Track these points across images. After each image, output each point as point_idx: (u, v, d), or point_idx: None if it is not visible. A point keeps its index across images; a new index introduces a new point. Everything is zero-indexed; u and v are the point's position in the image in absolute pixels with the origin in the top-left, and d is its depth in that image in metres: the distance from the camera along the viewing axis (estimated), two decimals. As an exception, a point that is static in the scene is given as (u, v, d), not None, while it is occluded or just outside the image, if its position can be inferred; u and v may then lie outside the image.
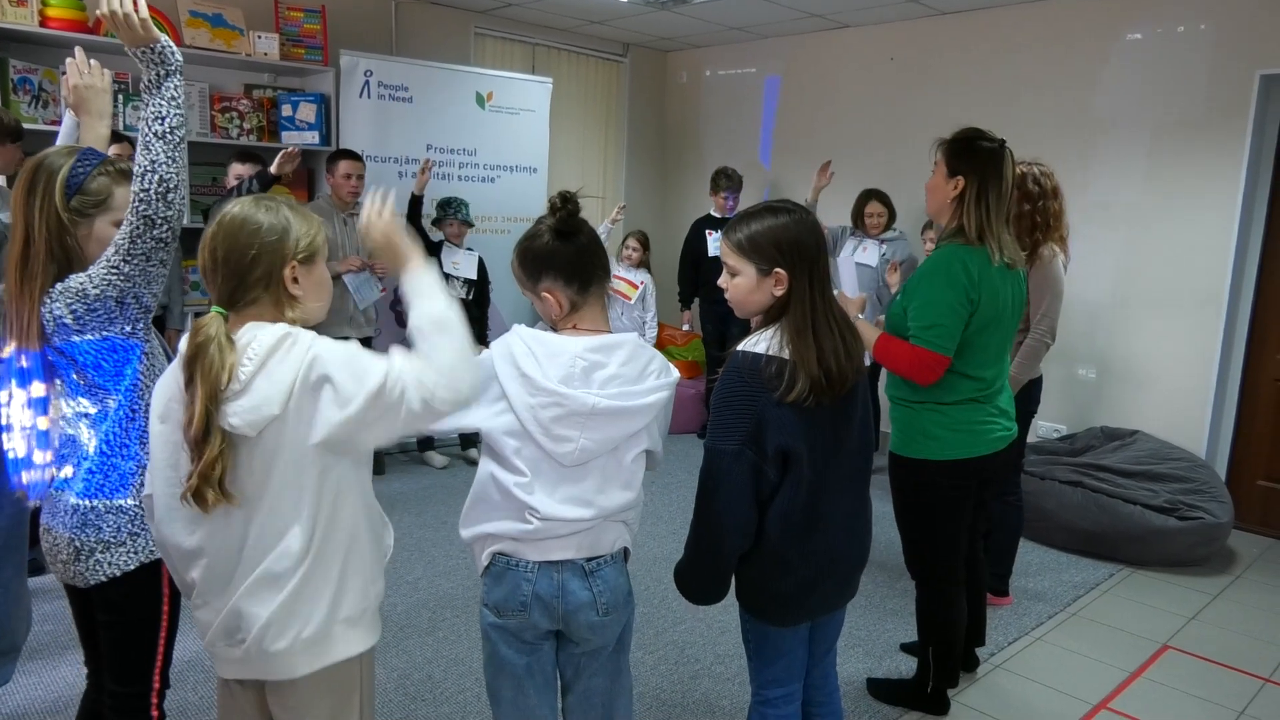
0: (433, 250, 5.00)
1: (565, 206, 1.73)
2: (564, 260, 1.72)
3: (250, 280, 1.50)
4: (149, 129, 1.75)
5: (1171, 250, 4.72)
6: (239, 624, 1.51)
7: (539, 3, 5.72)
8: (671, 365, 1.82)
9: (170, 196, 1.73)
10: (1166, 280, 4.75)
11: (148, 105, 1.76)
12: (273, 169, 4.16)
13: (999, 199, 2.52)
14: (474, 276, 5.11)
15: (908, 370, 2.52)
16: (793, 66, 6.44)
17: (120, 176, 1.89)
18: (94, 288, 1.73)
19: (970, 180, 2.51)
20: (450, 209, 5.06)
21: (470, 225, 5.15)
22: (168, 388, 1.53)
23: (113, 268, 1.73)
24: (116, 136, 3.87)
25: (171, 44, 1.80)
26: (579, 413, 1.65)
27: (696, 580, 1.90)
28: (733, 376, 1.78)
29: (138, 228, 1.73)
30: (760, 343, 1.78)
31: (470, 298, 5.13)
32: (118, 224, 1.91)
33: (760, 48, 6.62)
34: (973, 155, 2.52)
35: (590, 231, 1.77)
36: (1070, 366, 5.05)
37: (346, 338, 1.58)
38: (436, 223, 5.06)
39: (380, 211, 1.58)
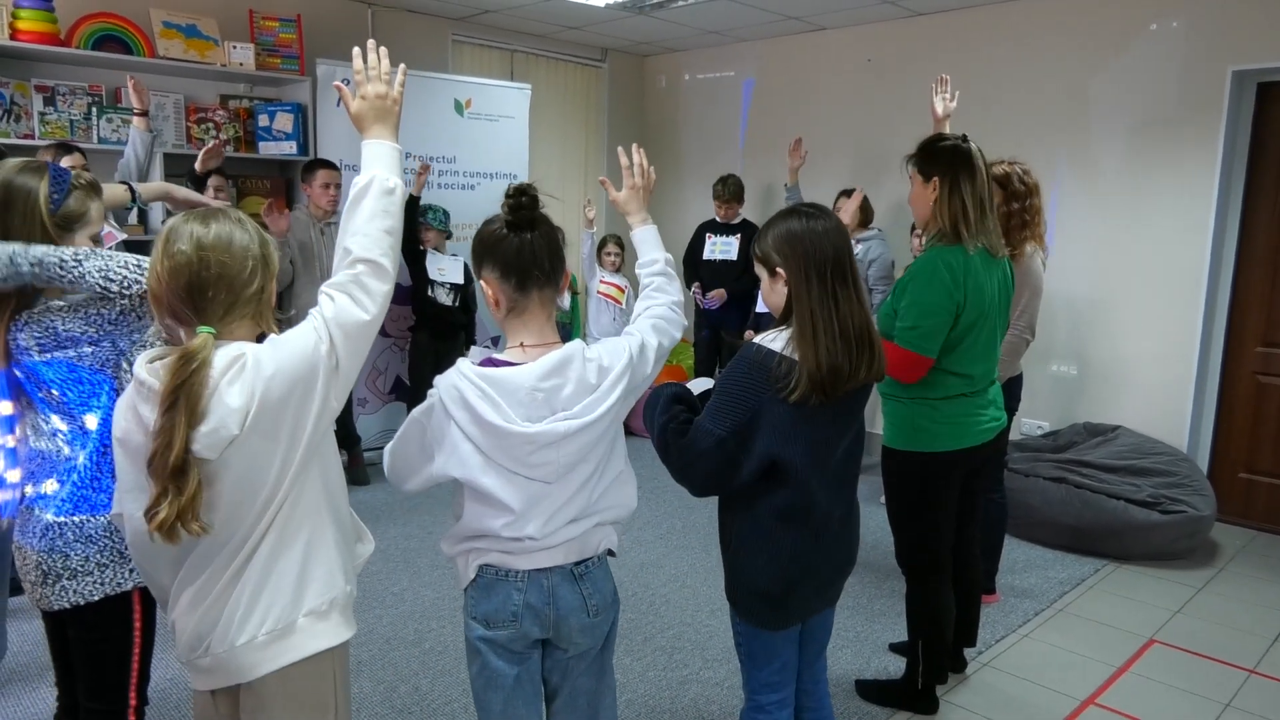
0: (417, 257, 4.97)
1: (517, 198, 1.66)
2: (504, 251, 1.66)
3: (246, 295, 1.48)
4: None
5: (1149, 246, 4.75)
6: (207, 630, 1.50)
7: (516, 9, 5.71)
8: (622, 340, 1.78)
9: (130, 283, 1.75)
10: (1145, 276, 4.78)
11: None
12: (197, 167, 4.01)
13: (974, 190, 2.56)
14: (460, 281, 5.09)
15: (893, 370, 2.56)
16: (771, 69, 6.46)
17: (91, 190, 1.88)
18: (64, 327, 1.73)
19: (944, 178, 2.56)
20: (428, 215, 5.04)
21: (448, 234, 5.13)
22: (126, 412, 1.47)
23: (94, 314, 1.74)
24: (67, 148, 3.69)
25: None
26: (554, 441, 1.63)
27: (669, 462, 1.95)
28: (741, 366, 1.83)
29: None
30: (777, 340, 1.82)
31: (457, 304, 5.11)
32: (94, 238, 1.90)
33: (738, 51, 6.64)
34: (939, 154, 2.59)
35: (548, 233, 1.69)
36: (1051, 363, 5.07)
37: None
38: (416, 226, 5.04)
39: (384, 75, 1.61)
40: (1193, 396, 4.66)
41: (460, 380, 1.61)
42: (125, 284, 1.74)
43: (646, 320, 1.85)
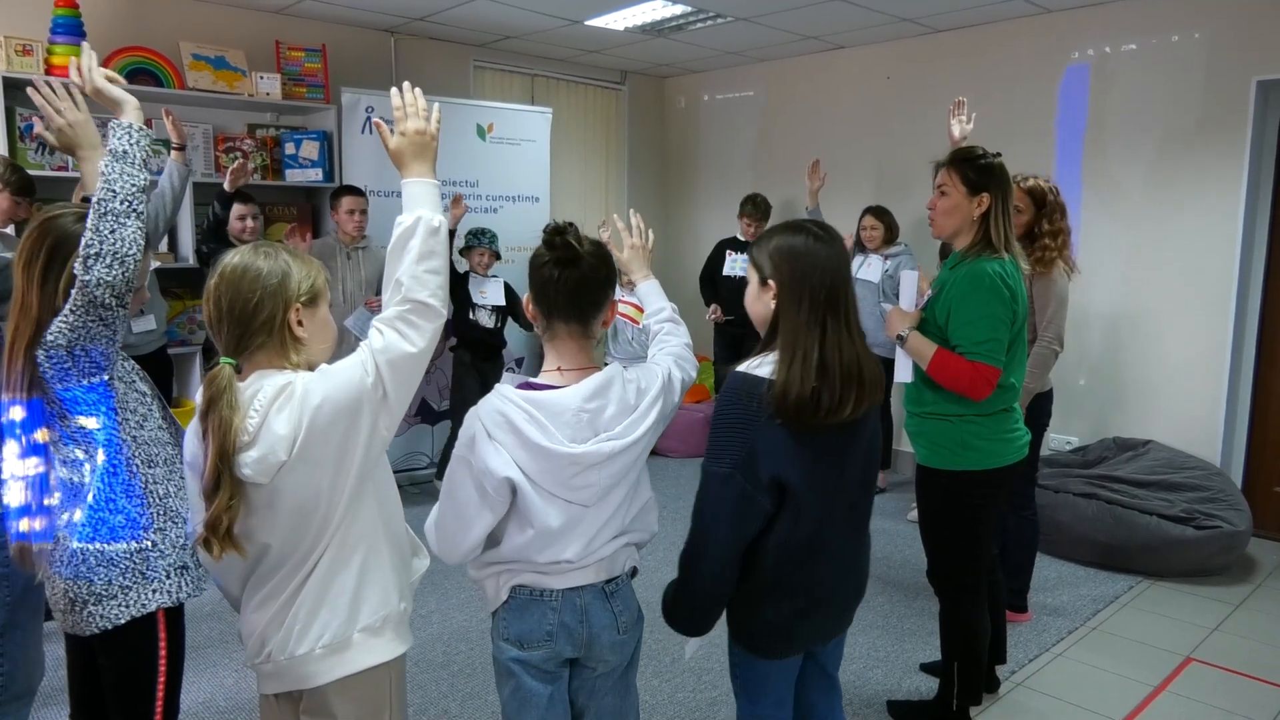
0: (458, 281, 5.02)
1: (551, 238, 1.70)
2: (538, 280, 1.72)
3: (255, 326, 1.53)
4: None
5: (1177, 258, 4.71)
6: (270, 638, 1.59)
7: (537, 34, 5.78)
8: (654, 366, 1.82)
9: (90, 263, 1.69)
10: (1174, 289, 4.73)
11: None
12: (226, 186, 4.15)
13: (1011, 209, 2.64)
14: (502, 303, 5.14)
15: (967, 387, 2.50)
16: (791, 88, 6.48)
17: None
18: (50, 336, 1.73)
19: (995, 197, 2.57)
20: (483, 238, 5.09)
21: (498, 257, 5.18)
22: (193, 436, 1.56)
23: (63, 317, 1.73)
24: None
25: (122, 126, 1.78)
26: (599, 462, 1.65)
27: (675, 605, 1.87)
28: (729, 398, 1.76)
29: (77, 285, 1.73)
30: (763, 365, 1.75)
31: (500, 325, 5.16)
32: (137, 291, 1.91)
33: (757, 71, 6.67)
34: (991, 173, 2.59)
35: (587, 275, 1.70)
36: (1080, 377, 5.03)
37: None
38: (464, 251, 5.09)
39: (421, 112, 1.65)
40: (1225, 409, 4.59)
41: (504, 404, 1.63)
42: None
43: (667, 356, 1.89)
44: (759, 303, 1.83)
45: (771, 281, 1.78)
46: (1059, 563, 4.27)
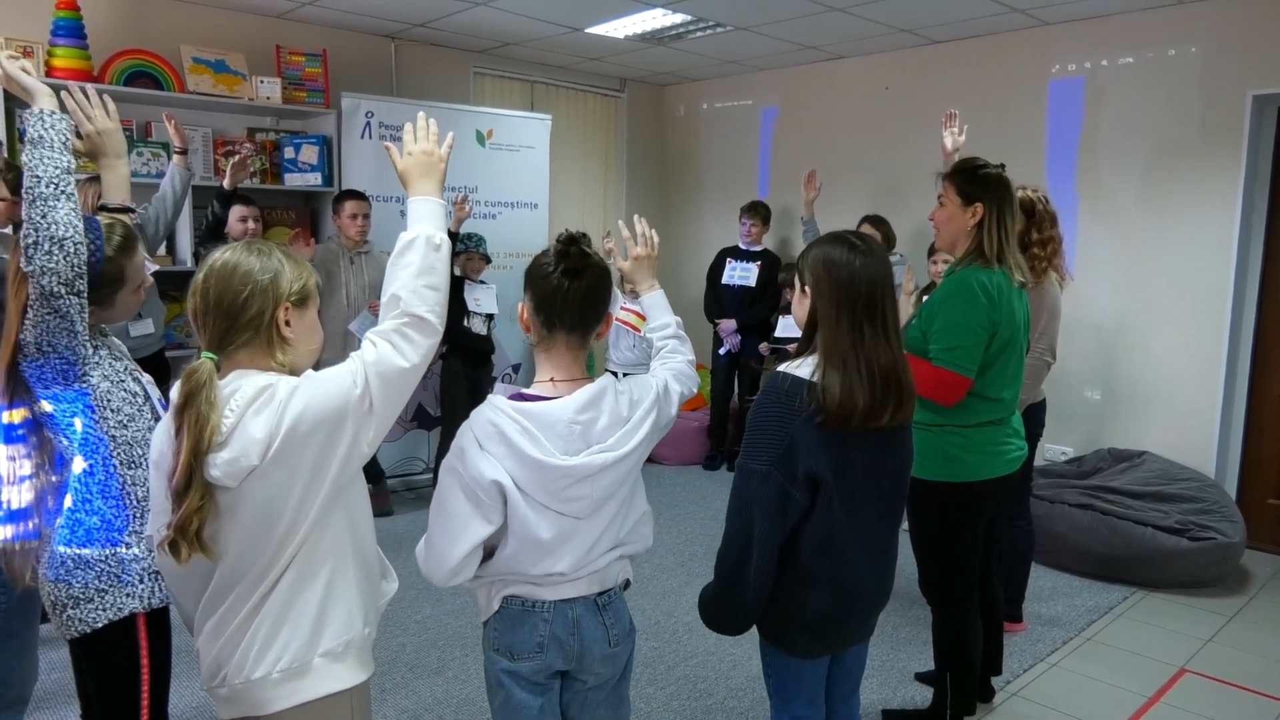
0: (454, 286, 5.02)
1: (565, 247, 1.70)
2: (542, 288, 1.70)
3: (242, 322, 1.50)
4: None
5: (1173, 270, 4.73)
6: (225, 660, 1.52)
7: (537, 41, 5.80)
8: (648, 378, 1.82)
9: (31, 253, 1.66)
10: (1169, 301, 4.75)
11: None
12: (225, 184, 4.18)
13: (1013, 221, 2.63)
14: (495, 310, 5.17)
15: (931, 392, 2.52)
16: (789, 97, 6.50)
17: (125, 245, 1.86)
18: (20, 336, 1.72)
19: (989, 207, 2.58)
20: (471, 242, 5.11)
21: (488, 260, 5.20)
22: (161, 434, 1.51)
23: (26, 315, 1.71)
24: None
25: (34, 114, 1.72)
26: (588, 475, 1.64)
27: (716, 604, 1.92)
28: (770, 396, 1.82)
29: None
30: (804, 366, 1.81)
31: (490, 332, 5.19)
32: (138, 290, 1.92)
33: (756, 80, 6.69)
34: (987, 183, 2.60)
35: (592, 285, 1.70)
36: (1075, 389, 5.04)
37: None
38: (455, 256, 5.10)
39: (432, 135, 1.66)
40: (1219, 421, 4.61)
41: (496, 415, 1.62)
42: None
43: (667, 371, 1.89)
44: (799, 309, 1.93)
45: (808, 289, 1.86)
46: (1054, 573, 4.28)
